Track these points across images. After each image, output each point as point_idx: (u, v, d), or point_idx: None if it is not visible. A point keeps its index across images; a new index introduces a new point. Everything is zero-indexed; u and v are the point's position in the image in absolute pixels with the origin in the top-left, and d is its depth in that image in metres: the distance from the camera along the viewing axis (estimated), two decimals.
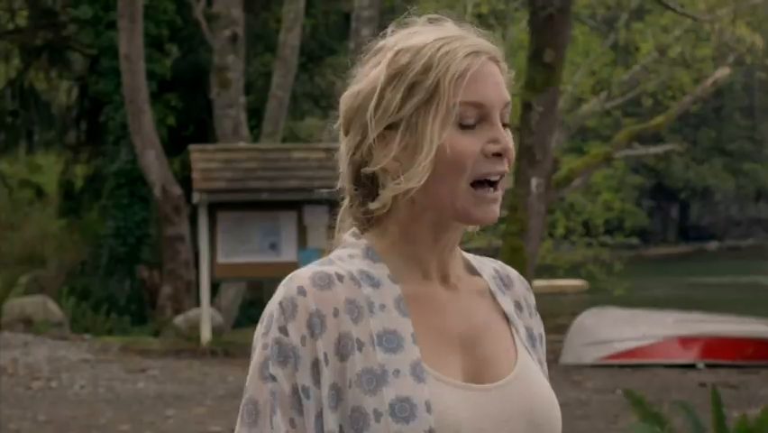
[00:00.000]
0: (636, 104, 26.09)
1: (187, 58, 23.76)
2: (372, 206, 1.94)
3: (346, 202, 2.01)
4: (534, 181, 18.22)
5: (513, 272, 2.12)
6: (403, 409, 1.81)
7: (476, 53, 1.90)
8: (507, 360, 1.96)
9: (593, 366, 14.14)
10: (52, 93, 30.64)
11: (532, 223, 18.35)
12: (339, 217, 2.03)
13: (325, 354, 1.83)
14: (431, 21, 1.99)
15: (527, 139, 18.24)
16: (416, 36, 1.93)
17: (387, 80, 1.90)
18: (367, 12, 19.23)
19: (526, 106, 18.31)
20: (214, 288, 17.11)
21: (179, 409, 10.97)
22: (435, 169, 1.87)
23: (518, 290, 2.08)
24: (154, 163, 17.58)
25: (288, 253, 15.33)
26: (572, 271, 25.76)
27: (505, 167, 1.89)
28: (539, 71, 18.11)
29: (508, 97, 1.90)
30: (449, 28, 1.96)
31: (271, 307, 1.87)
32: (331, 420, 1.82)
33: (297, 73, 21.82)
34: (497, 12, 25.21)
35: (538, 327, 2.10)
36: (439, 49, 1.90)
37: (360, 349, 1.84)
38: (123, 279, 21.16)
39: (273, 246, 15.47)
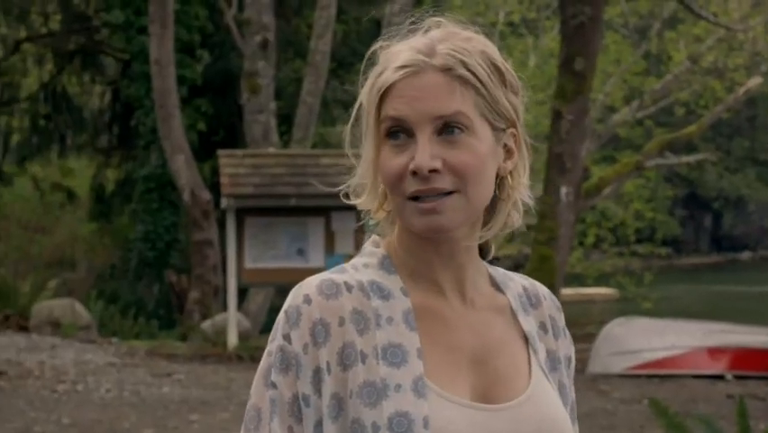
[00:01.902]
0: (668, 113, 25.99)
1: (217, 63, 23.82)
2: (371, 222, 1.94)
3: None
4: (563, 190, 18.15)
5: (544, 291, 2.06)
6: (401, 425, 1.79)
7: (403, 67, 1.84)
8: (520, 381, 1.92)
9: (620, 376, 14.06)
10: (85, 97, 30.80)
11: (561, 231, 18.28)
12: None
13: (328, 363, 1.82)
14: (430, 26, 1.93)
15: (557, 147, 18.17)
16: (391, 47, 1.90)
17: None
18: (398, 18, 19.19)
19: (557, 115, 18.25)
20: (242, 293, 17.12)
21: (204, 415, 10.97)
22: (385, 185, 1.87)
23: (546, 310, 2.03)
24: (183, 168, 17.61)
25: (316, 258, 15.31)
26: (602, 280, 25.64)
27: (432, 184, 1.81)
28: (569, 80, 18.04)
29: (443, 110, 1.81)
30: (426, 35, 1.90)
31: (279, 314, 1.87)
32: (330, 430, 1.81)
33: (327, 79, 21.83)
34: (528, 20, 25.16)
35: (565, 349, 2.05)
36: (380, 63, 1.89)
37: (363, 361, 1.82)
38: (151, 283, 21.22)
39: (300, 252, 15.47)
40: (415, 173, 1.81)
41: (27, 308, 16.99)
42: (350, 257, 8.96)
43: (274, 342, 1.86)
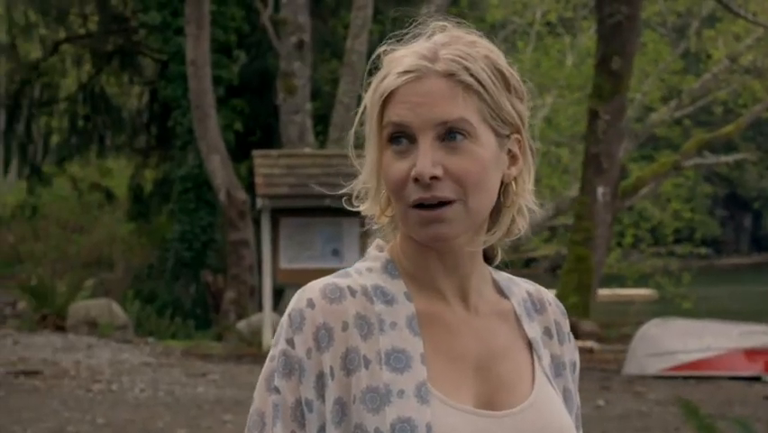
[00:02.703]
0: (707, 112, 25.83)
1: (254, 63, 23.87)
2: (375, 227, 1.93)
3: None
4: (600, 190, 18.09)
5: (548, 296, 2.04)
6: (403, 431, 1.77)
7: (405, 72, 1.82)
8: (523, 387, 1.90)
9: (656, 377, 13.97)
10: (123, 97, 30.95)
11: (598, 231, 18.22)
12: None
13: (331, 368, 1.80)
14: (435, 29, 1.91)
15: (594, 147, 18.12)
16: (395, 51, 1.88)
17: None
18: (435, 18, 19.19)
19: (593, 115, 18.19)
20: (278, 293, 17.15)
21: (237, 415, 10.98)
22: (388, 191, 1.86)
23: (551, 315, 2.01)
24: (219, 168, 17.66)
25: (351, 259, 15.30)
26: (641, 281, 25.51)
27: (433, 192, 1.79)
28: (606, 79, 17.98)
29: (445, 116, 1.80)
30: (429, 40, 1.88)
31: (283, 318, 1.85)
32: None
33: (364, 79, 21.80)
34: (565, 19, 25.08)
35: (570, 355, 2.03)
36: (384, 67, 1.87)
37: (366, 366, 1.81)
38: (188, 283, 21.28)
39: (335, 253, 15.48)
40: (416, 180, 1.79)
41: (64, 307, 17.08)
42: None
43: (277, 346, 1.85)
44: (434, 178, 1.78)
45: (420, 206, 1.80)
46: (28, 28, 29.09)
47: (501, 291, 1.97)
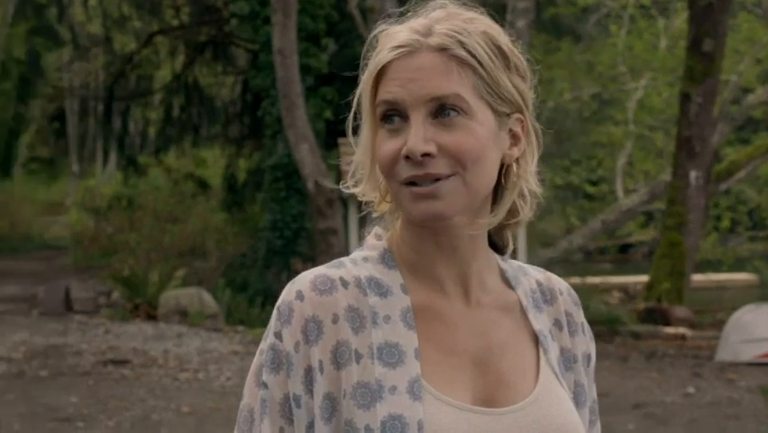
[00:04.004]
0: None
1: (343, 52, 23.87)
2: (375, 215, 1.87)
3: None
4: (692, 174, 17.80)
5: (561, 285, 1.96)
6: (394, 428, 1.71)
7: (398, 47, 1.76)
8: (526, 383, 1.83)
9: (749, 364, 13.70)
10: (216, 88, 31.20)
11: (691, 216, 17.93)
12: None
13: (320, 362, 1.75)
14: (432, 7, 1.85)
15: (686, 131, 17.82)
16: (393, 26, 1.83)
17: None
18: (522, 3, 18.99)
19: (685, 97, 17.91)
20: None
21: None
22: (381, 172, 1.79)
23: (562, 305, 1.93)
24: (307, 157, 17.66)
25: None
26: (738, 266, 25.10)
27: (426, 169, 1.72)
28: (698, 61, 17.68)
29: (438, 91, 1.73)
30: (426, 17, 1.81)
31: (273, 311, 1.81)
32: (323, 431, 1.74)
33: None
34: (659, 2, 24.75)
35: (583, 347, 1.95)
36: (376, 42, 1.81)
37: (357, 361, 1.75)
38: (279, 271, 21.34)
39: None
40: (408, 157, 1.72)
41: (156, 297, 17.25)
42: None
43: (266, 339, 1.82)
44: (426, 155, 1.72)
45: (413, 184, 1.73)
46: (122, 20, 29.45)
47: (508, 282, 1.90)
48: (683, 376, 12.77)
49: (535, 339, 1.87)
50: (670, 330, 16.10)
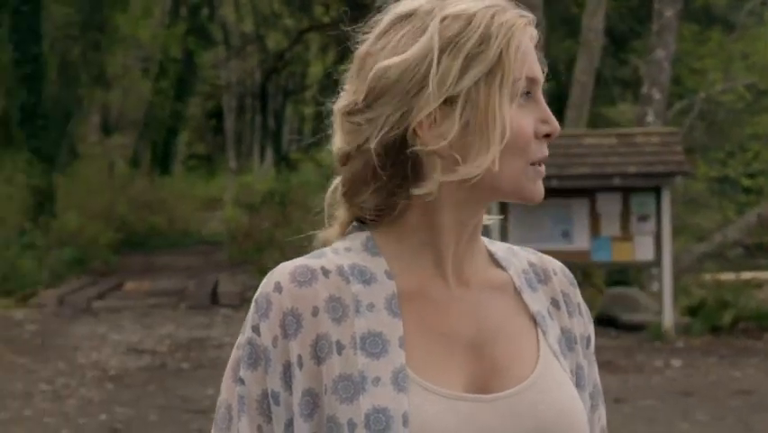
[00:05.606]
0: None
1: None
2: (418, 191, 1.71)
3: (341, 186, 1.81)
4: None
5: (554, 265, 1.87)
6: (378, 422, 1.64)
7: (529, 24, 1.72)
8: (523, 366, 1.73)
9: None
10: None
11: None
12: (328, 203, 1.85)
13: (299, 357, 1.68)
14: None
15: None
16: (458, 3, 1.72)
17: (441, 49, 1.68)
18: None
19: None
20: None
21: None
22: (511, 148, 1.71)
23: (557, 285, 1.85)
24: None
25: (581, 240, 15.00)
26: None
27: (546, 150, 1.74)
28: None
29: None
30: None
31: (252, 304, 1.74)
32: (303, 429, 1.67)
33: (602, 57, 21.37)
34: None
35: (582, 328, 1.85)
36: (493, 17, 1.69)
37: (339, 352, 1.68)
38: None
39: (565, 234, 15.18)
40: (547, 136, 1.72)
41: None
42: (614, 239, 9.19)
43: (244, 333, 1.76)
44: None
45: (537, 164, 1.73)
46: (273, 18, 29.80)
47: (497, 262, 1.81)
48: None
49: (533, 321, 1.79)
50: None
